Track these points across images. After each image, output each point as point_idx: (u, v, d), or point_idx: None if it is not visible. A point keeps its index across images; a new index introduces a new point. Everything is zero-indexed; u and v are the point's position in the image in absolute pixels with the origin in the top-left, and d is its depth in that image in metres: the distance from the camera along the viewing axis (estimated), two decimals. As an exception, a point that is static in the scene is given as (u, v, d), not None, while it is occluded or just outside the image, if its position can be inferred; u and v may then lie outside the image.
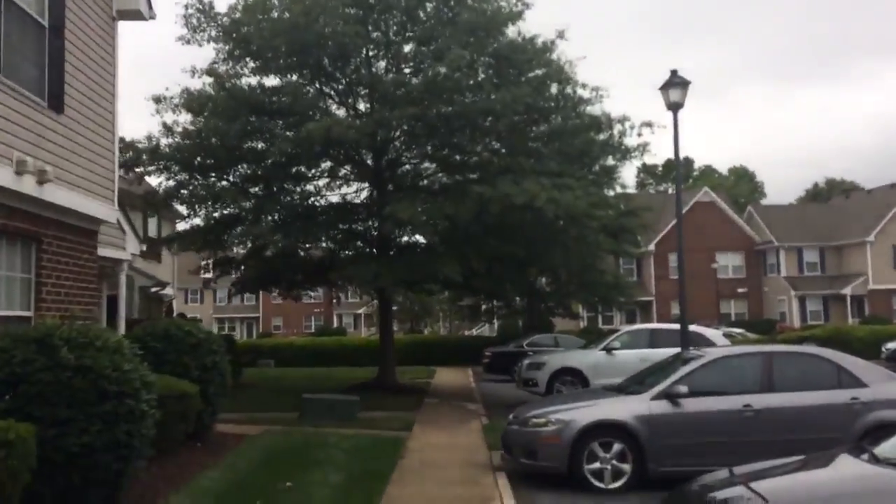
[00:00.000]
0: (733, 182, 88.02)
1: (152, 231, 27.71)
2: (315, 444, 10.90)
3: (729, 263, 52.15)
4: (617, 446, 8.86)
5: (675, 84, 13.25)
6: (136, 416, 6.85)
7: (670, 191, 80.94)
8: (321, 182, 20.96)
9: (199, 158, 17.52)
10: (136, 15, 11.35)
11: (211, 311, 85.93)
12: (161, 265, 29.10)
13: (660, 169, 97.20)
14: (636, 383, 10.17)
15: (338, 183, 21.35)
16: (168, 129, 17.46)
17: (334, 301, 24.54)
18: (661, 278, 51.53)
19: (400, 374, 25.10)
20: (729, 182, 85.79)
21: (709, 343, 17.09)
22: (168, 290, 29.79)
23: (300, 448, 10.44)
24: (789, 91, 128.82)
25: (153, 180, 20.19)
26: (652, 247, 50.56)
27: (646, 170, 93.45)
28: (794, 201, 76.83)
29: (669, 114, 13.52)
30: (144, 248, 17.90)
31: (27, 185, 8.49)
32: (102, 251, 11.79)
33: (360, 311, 78.69)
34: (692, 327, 18.68)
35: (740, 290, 52.06)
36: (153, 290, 22.48)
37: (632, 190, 50.06)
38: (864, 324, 40.84)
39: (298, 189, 20.38)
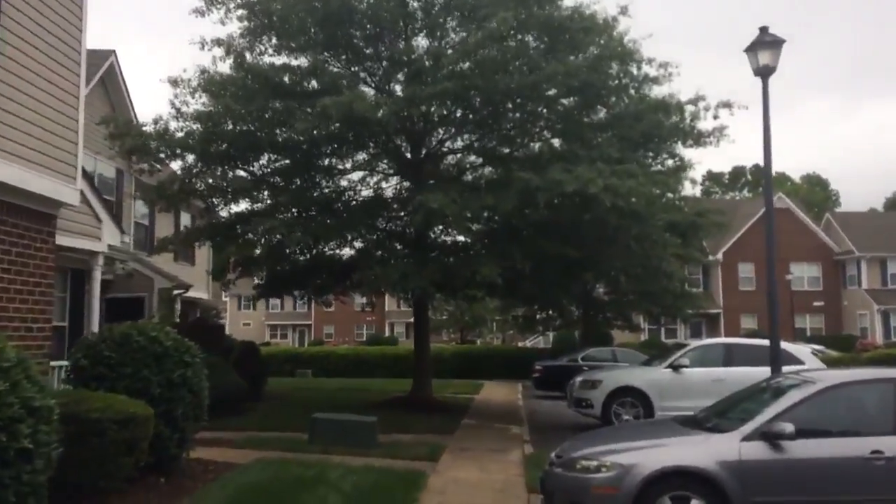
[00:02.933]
0: (807, 190, 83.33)
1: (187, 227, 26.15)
2: (311, 480, 8.81)
3: (805, 275, 48.44)
4: (696, 503, 6.54)
5: (766, 43, 10.81)
6: (10, 457, 4.86)
7: (738, 198, 77.02)
8: (355, 176, 19.02)
9: (214, 146, 15.70)
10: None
11: (263, 319, 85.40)
12: (195, 267, 27.61)
13: (726, 177, 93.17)
14: (718, 416, 7.81)
15: (375, 179, 19.36)
16: (178, 112, 15.71)
17: (367, 307, 22.34)
18: (729, 289, 48.19)
19: (444, 388, 22.96)
20: (803, 190, 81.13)
21: (797, 362, 14.51)
22: (202, 294, 28.28)
23: (288, 487, 8.35)
24: (857, 104, 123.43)
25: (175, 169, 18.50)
26: (720, 255, 47.37)
27: (711, 177, 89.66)
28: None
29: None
30: (128, 239, 16.15)
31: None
32: (70, 240, 10.00)
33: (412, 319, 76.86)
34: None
35: (816, 304, 48.24)
36: (175, 292, 20.78)
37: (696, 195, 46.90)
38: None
39: (331, 184, 18.45)
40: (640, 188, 12.95)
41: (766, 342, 16.53)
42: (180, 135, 15.58)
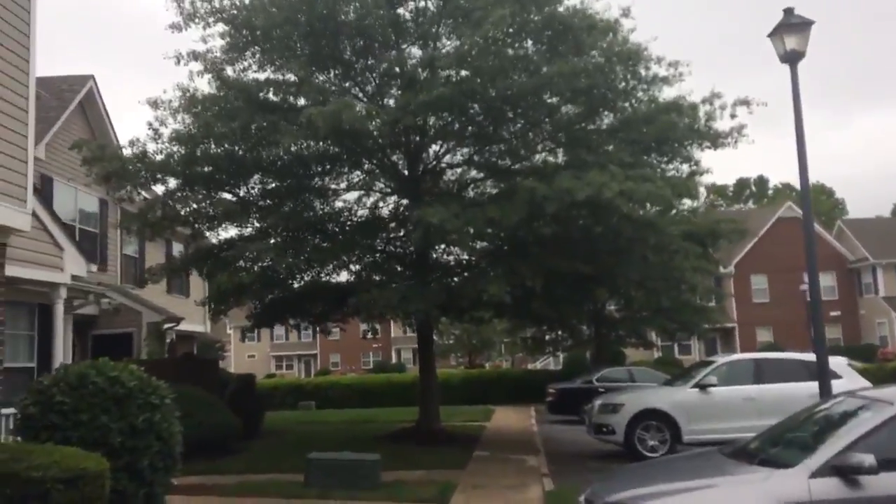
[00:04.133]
0: (813, 199, 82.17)
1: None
2: (302, 534, 7.69)
3: (820, 284, 47.17)
4: (759, 557, 5.40)
5: (793, 26, 9.80)
6: None
7: (743, 209, 75.84)
8: (350, 196, 18.00)
9: (197, 168, 14.70)
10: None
11: (268, 350, 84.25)
12: (190, 299, 26.57)
13: (730, 190, 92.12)
14: (772, 445, 6.67)
15: (372, 199, 18.32)
16: (156, 134, 14.74)
17: (370, 334, 21.16)
18: (743, 302, 46.99)
19: (453, 416, 21.80)
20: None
21: (835, 377, 13.30)
22: (199, 327, 27.25)
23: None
24: (847, 116, 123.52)
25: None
26: (731, 268, 46.21)
27: (716, 190, 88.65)
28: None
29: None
30: (94, 268, 15.09)
31: None
32: (24, 271, 8.96)
33: (419, 345, 75.40)
34: (802, 356, 14.96)
35: (833, 314, 46.89)
36: (166, 326, 19.71)
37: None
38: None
39: (325, 206, 17.43)
40: (659, 191, 11.89)
41: (797, 356, 15.49)
42: (160, 157, 14.60)
